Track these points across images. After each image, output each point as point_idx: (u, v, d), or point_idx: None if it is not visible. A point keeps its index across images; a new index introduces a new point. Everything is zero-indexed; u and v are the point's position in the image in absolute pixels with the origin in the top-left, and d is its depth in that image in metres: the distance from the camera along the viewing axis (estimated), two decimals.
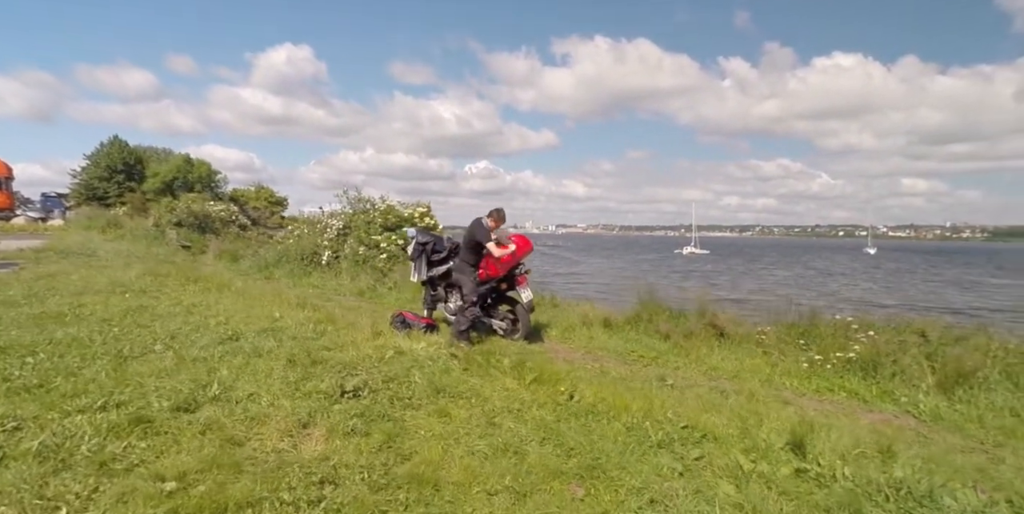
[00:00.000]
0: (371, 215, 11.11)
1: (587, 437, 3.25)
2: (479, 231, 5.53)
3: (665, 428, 3.44)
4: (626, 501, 2.55)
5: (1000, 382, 4.82)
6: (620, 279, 25.44)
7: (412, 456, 2.84)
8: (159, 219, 16.50)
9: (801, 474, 3.00)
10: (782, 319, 6.54)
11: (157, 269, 8.69)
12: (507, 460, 2.87)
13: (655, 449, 3.18)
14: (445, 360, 4.65)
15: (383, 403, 3.56)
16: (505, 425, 3.38)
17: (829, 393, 4.99)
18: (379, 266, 10.30)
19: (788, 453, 3.21)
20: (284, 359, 4.26)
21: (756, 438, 3.37)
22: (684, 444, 3.28)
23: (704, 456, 3.11)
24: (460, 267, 5.44)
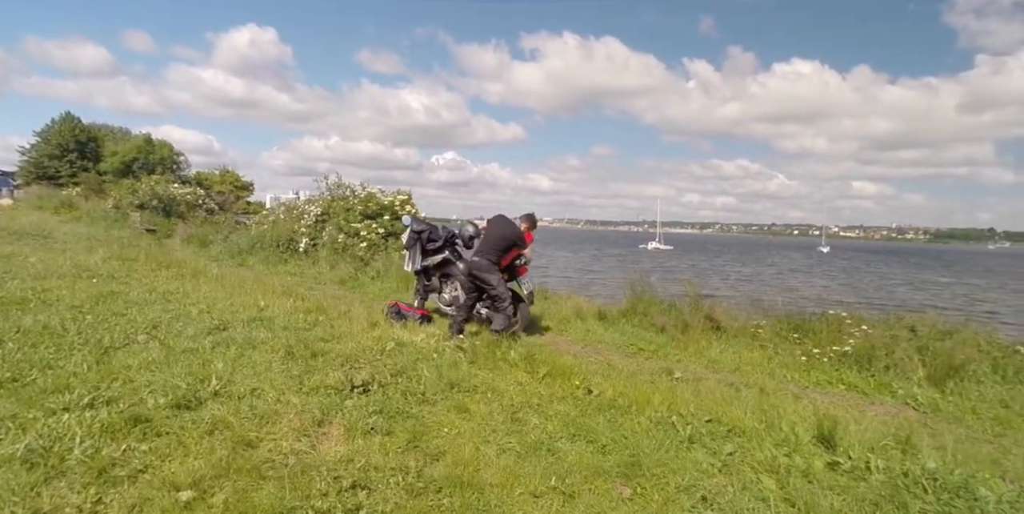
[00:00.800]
0: (350, 202, 10.70)
1: (616, 433, 3.13)
2: (519, 234, 5.36)
3: (691, 423, 3.35)
4: (676, 499, 2.44)
5: (988, 375, 4.97)
6: (588, 274, 25.59)
7: (442, 456, 2.65)
8: (120, 201, 15.47)
9: (834, 467, 2.97)
10: (769, 314, 6.61)
11: (124, 253, 8.13)
12: (543, 459, 2.73)
13: (687, 444, 3.10)
14: (450, 353, 4.47)
15: (396, 398, 3.35)
16: (530, 421, 3.23)
17: (829, 386, 5.03)
18: (359, 254, 9.95)
19: (817, 446, 3.18)
20: (281, 351, 3.99)
21: (783, 432, 3.32)
22: (714, 439, 3.20)
23: (736, 451, 3.05)
24: (487, 267, 5.14)
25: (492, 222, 5.48)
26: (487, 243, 5.29)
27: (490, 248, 5.24)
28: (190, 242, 12.15)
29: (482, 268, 5.18)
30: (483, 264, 5.18)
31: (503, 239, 5.27)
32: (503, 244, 5.27)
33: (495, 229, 5.35)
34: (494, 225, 5.41)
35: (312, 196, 11.37)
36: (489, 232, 5.38)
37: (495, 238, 5.28)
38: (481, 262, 5.19)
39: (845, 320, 5.75)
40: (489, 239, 5.30)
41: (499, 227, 5.35)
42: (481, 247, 5.32)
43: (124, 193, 15.76)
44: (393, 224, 10.58)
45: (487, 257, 5.19)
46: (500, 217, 5.49)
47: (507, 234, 5.29)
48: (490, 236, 5.32)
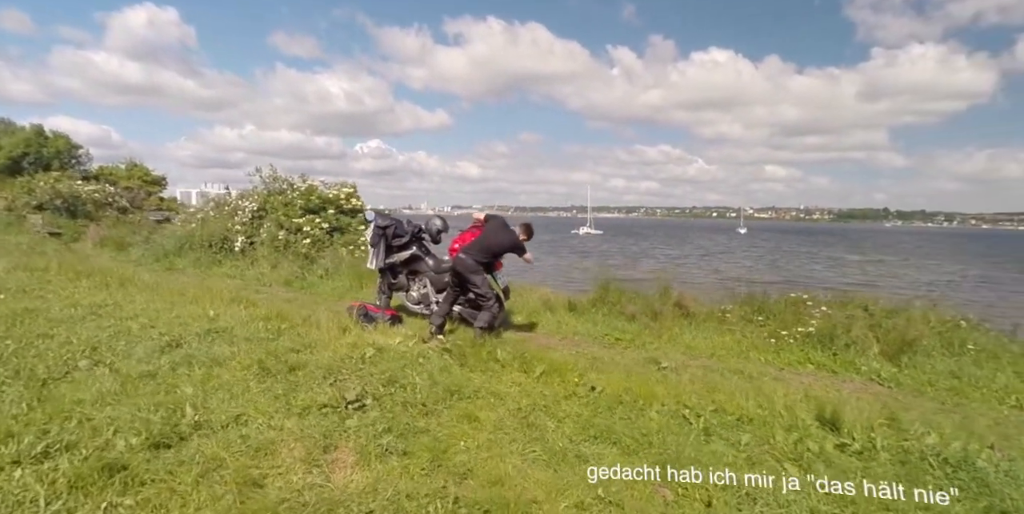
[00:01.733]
0: (289, 196, 9.98)
1: (635, 431, 3.06)
2: (518, 245, 5.22)
3: (701, 414, 3.35)
4: (722, 498, 2.39)
5: (936, 349, 5.35)
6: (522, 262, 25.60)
7: (471, 474, 2.46)
8: (13, 202, 13.53)
9: (843, 449, 3.06)
10: (730, 297, 6.83)
11: (31, 262, 7.12)
12: (575, 466, 2.59)
13: (704, 437, 3.09)
14: (436, 356, 4.22)
15: (397, 412, 3.10)
16: (544, 425, 3.09)
17: (799, 366, 5.25)
18: (303, 252, 9.32)
19: (821, 429, 3.26)
20: (253, 367, 3.60)
21: (786, 417, 3.38)
22: (727, 429, 3.22)
23: (752, 440, 3.06)
24: (473, 267, 4.94)
25: (490, 226, 5.29)
26: (480, 246, 5.10)
27: (481, 250, 5.07)
28: (104, 246, 10.88)
29: (468, 268, 4.96)
30: (470, 264, 4.96)
31: (499, 246, 5.15)
32: (497, 251, 5.16)
33: (493, 235, 5.17)
34: (492, 231, 5.22)
35: (244, 190, 10.51)
36: (485, 235, 5.20)
37: (491, 244, 5.12)
38: (468, 261, 4.97)
39: (806, 302, 6.02)
40: (483, 242, 5.13)
41: (497, 233, 5.18)
42: (472, 247, 5.10)
43: (18, 193, 13.79)
44: (338, 218, 10.01)
45: (475, 257, 4.99)
46: (500, 223, 5.31)
47: (504, 243, 5.16)
48: (486, 240, 5.15)
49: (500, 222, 5.29)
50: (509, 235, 5.18)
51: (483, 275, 5.04)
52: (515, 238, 5.19)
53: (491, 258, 5.15)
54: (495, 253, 5.17)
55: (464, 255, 5.01)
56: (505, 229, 5.21)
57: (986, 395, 4.60)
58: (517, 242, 5.19)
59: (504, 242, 5.14)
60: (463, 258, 5.00)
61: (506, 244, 5.16)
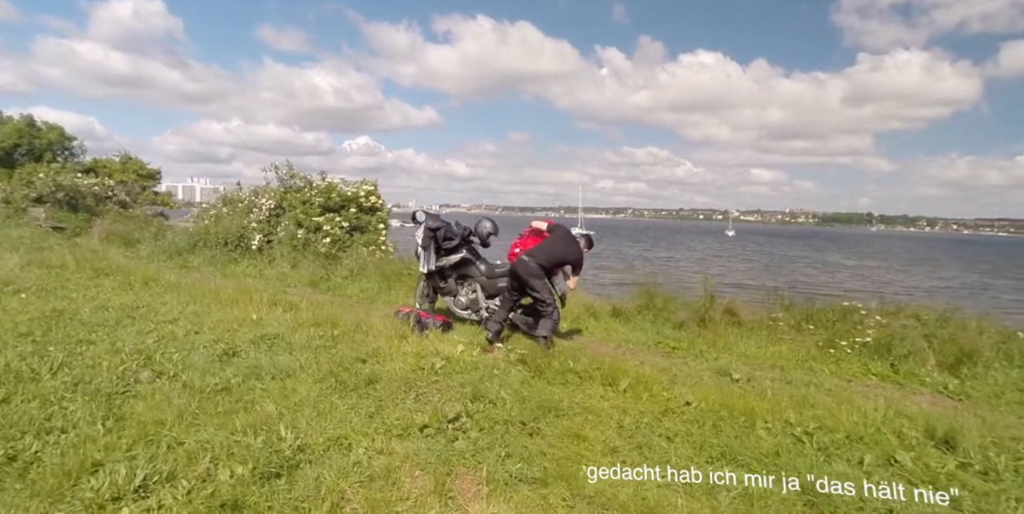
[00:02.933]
0: (307, 194, 9.65)
1: (754, 452, 2.86)
2: (580, 258, 5.05)
3: (810, 432, 3.16)
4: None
5: (996, 359, 5.23)
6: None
7: (618, 505, 2.24)
8: (11, 194, 12.92)
9: (966, 468, 2.91)
10: (773, 304, 6.69)
11: (44, 259, 6.73)
12: (719, 494, 2.39)
13: (823, 457, 2.90)
14: (510, 367, 4.01)
15: (499, 432, 2.88)
16: (658, 445, 2.90)
17: (863, 377, 5.09)
18: (323, 251, 9.01)
19: (937, 448, 3.11)
20: (327, 380, 3.36)
21: (891, 433, 3.22)
22: (841, 448, 3.04)
23: (873, 460, 2.89)
24: (536, 271, 4.76)
25: (558, 235, 5.10)
26: (546, 251, 4.91)
27: (547, 257, 4.87)
28: (111, 241, 10.41)
29: (531, 271, 4.74)
30: (533, 267, 4.75)
31: (562, 256, 4.95)
32: (562, 260, 4.97)
33: (562, 244, 5.00)
34: (560, 239, 5.05)
35: (258, 187, 10.13)
36: (553, 242, 5.02)
37: (555, 252, 4.93)
38: (532, 264, 4.75)
39: (859, 310, 5.89)
40: (549, 249, 4.94)
41: (563, 243, 5.01)
42: (537, 252, 4.90)
43: (16, 185, 13.17)
44: (358, 217, 9.70)
45: (539, 262, 4.78)
46: (567, 232, 5.12)
47: (571, 255, 4.97)
48: (554, 247, 4.96)
49: (566, 232, 5.12)
50: (576, 248, 5.02)
51: (545, 280, 4.83)
52: (580, 252, 5.02)
53: (552, 265, 4.94)
54: (560, 262, 4.99)
55: (528, 258, 4.79)
56: (573, 240, 5.04)
57: None
58: (581, 258, 5.02)
59: (571, 254, 4.98)
60: (526, 261, 4.78)
61: (572, 257, 4.99)
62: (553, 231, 5.10)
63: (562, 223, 5.32)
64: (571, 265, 5.02)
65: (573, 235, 5.09)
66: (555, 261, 4.91)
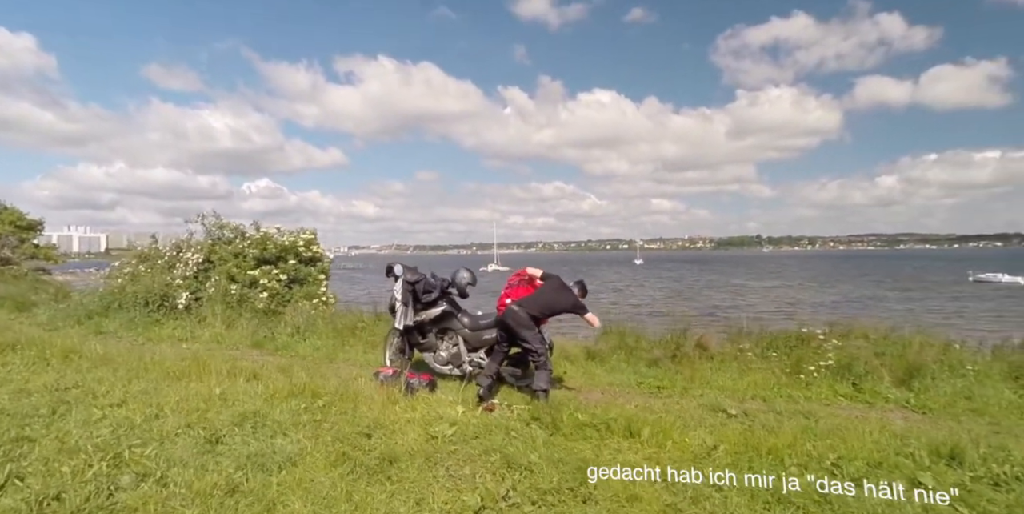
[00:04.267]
0: (238, 246, 8.92)
1: (807, 498, 2.87)
2: (577, 304, 4.97)
3: (838, 465, 3.26)
4: None
5: (940, 372, 5.75)
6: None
7: None
8: None
9: (978, 481, 3.12)
10: (732, 333, 7.01)
11: None
12: None
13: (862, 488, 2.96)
14: (520, 426, 3.82)
15: (551, 502, 2.72)
16: (711, 496, 2.82)
17: (834, 399, 5.40)
18: (260, 307, 8.30)
19: (949, 466, 3.31)
20: (343, 463, 3.00)
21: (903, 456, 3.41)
22: (868, 475, 3.13)
23: (908, 485, 3.01)
24: (526, 321, 4.66)
25: (550, 285, 5.05)
26: (538, 302, 4.84)
27: (536, 306, 4.80)
28: (2, 305, 8.87)
29: (521, 322, 4.62)
30: (523, 317, 4.63)
31: (553, 306, 4.90)
32: (549, 310, 4.90)
33: (554, 294, 4.95)
34: (553, 289, 5.00)
35: (179, 240, 9.21)
36: (544, 293, 4.97)
37: (547, 301, 4.88)
38: (521, 314, 4.63)
39: (817, 336, 6.29)
40: (542, 299, 4.88)
41: (558, 293, 4.96)
42: (528, 302, 4.81)
43: None
44: (296, 268, 9.08)
45: (529, 311, 4.67)
46: (559, 282, 5.08)
47: (561, 302, 4.93)
48: (545, 298, 4.91)
49: (559, 281, 5.08)
50: (570, 296, 4.99)
51: (535, 330, 4.72)
52: (575, 299, 4.99)
53: (545, 316, 4.86)
54: (551, 312, 4.93)
55: (518, 308, 4.67)
56: (565, 289, 5.02)
57: (1003, 412, 4.97)
58: (578, 303, 4.98)
59: (565, 303, 4.94)
60: (516, 311, 4.65)
61: (567, 305, 4.95)
62: (546, 280, 5.04)
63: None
64: (567, 312, 4.96)
65: (566, 284, 5.05)
66: (547, 311, 4.85)
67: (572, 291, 5.01)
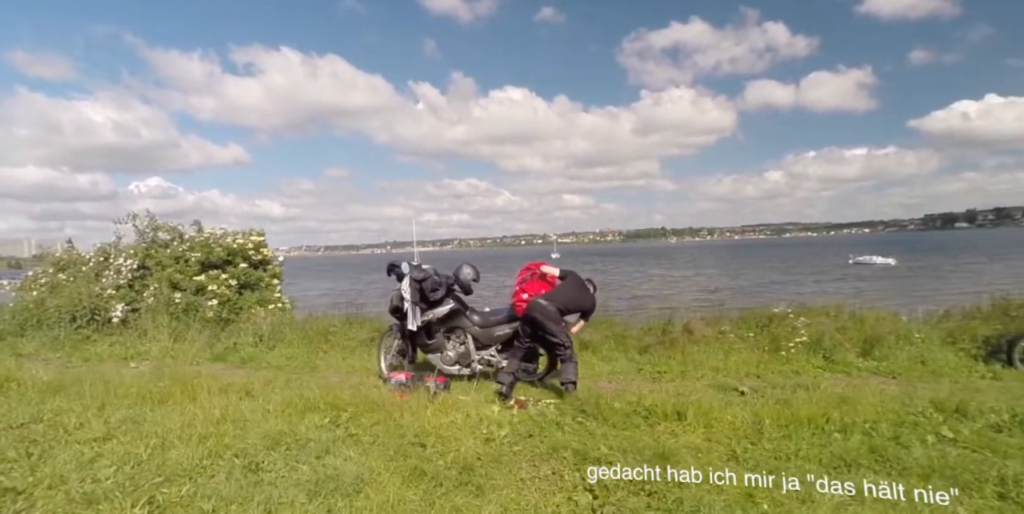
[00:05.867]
0: (178, 249, 8.02)
1: (868, 454, 3.06)
2: (593, 306, 5.01)
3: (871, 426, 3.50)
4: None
5: (896, 342, 6.35)
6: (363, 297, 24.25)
7: None
8: None
9: (987, 429, 3.52)
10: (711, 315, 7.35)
11: None
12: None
13: (911, 450, 3.19)
14: (567, 420, 3.75)
15: (670, 498, 2.63)
16: (790, 467, 2.91)
17: (816, 371, 5.79)
18: (210, 316, 7.53)
19: (956, 419, 3.68)
20: (418, 478, 2.78)
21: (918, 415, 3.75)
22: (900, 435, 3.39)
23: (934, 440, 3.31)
24: (554, 314, 4.58)
25: (573, 281, 4.97)
26: (563, 295, 4.78)
27: (563, 300, 4.74)
28: None
29: (549, 315, 4.53)
30: (552, 311, 4.55)
31: (579, 302, 4.88)
32: (575, 306, 4.87)
33: (575, 289, 4.91)
34: (575, 285, 4.95)
35: (105, 244, 8.09)
36: (569, 288, 4.90)
37: (573, 297, 4.84)
38: (550, 308, 4.54)
39: (788, 314, 6.73)
40: (567, 293, 4.82)
41: (578, 289, 4.94)
42: (553, 296, 4.73)
43: None
44: (247, 273, 8.33)
45: (557, 305, 4.61)
46: (580, 279, 5.03)
47: (584, 301, 4.92)
48: (570, 292, 4.85)
49: (580, 278, 5.04)
50: (591, 297, 4.99)
51: (562, 324, 4.65)
52: (592, 299, 5.00)
53: (570, 311, 4.84)
54: (577, 308, 4.90)
55: (545, 302, 4.57)
56: (584, 288, 4.99)
57: (956, 372, 5.58)
58: (593, 302, 5.00)
59: (587, 302, 4.94)
60: (544, 305, 4.55)
61: (588, 303, 4.96)
62: (566, 277, 4.97)
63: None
64: (585, 311, 4.93)
65: (585, 284, 5.02)
66: (572, 306, 4.81)
67: (590, 292, 5.01)
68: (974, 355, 5.89)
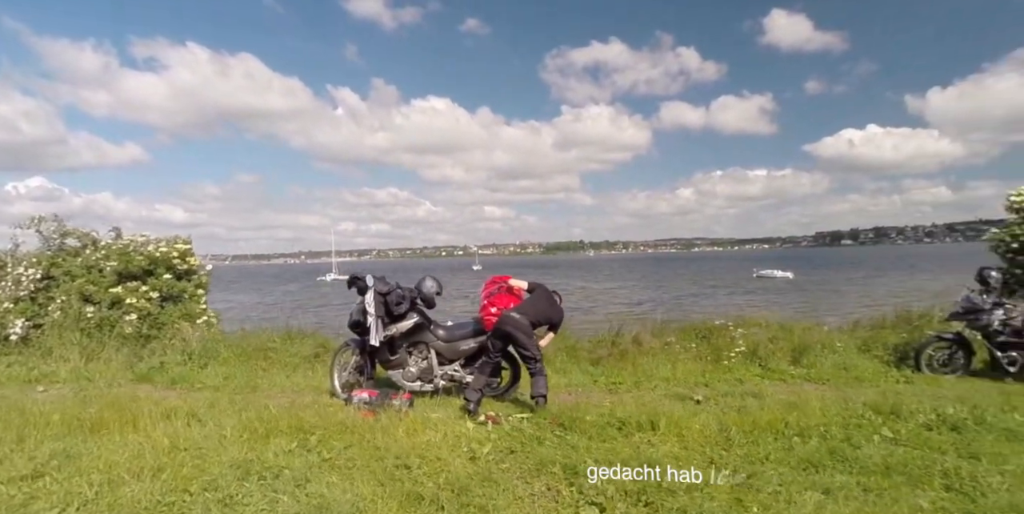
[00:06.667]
0: (91, 258, 7.22)
1: (832, 456, 3.31)
2: (561, 319, 5.02)
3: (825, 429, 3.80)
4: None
5: (821, 350, 6.91)
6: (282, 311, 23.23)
7: None
8: None
9: (920, 428, 3.92)
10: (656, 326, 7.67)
11: None
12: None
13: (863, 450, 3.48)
14: (547, 435, 3.77)
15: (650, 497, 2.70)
16: (764, 473, 3.09)
17: (755, 379, 6.19)
18: (128, 332, 6.84)
19: (892, 420, 4.06)
20: (417, 503, 2.68)
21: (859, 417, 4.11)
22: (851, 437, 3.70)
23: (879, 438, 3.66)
24: (527, 327, 4.55)
25: (542, 292, 4.97)
26: (534, 308, 4.77)
27: (534, 313, 4.73)
28: None
29: (523, 328, 4.51)
30: (525, 324, 4.53)
31: (548, 315, 4.87)
32: (545, 319, 4.86)
33: (544, 302, 4.90)
34: (544, 297, 4.94)
35: (2, 251, 7.10)
36: (538, 300, 4.89)
37: (543, 310, 4.83)
38: (523, 321, 4.52)
39: (728, 326, 7.15)
40: (537, 306, 4.82)
41: (548, 302, 4.93)
42: (524, 309, 4.71)
43: None
44: (170, 284, 7.64)
45: (530, 318, 4.61)
46: (549, 291, 5.02)
47: (553, 314, 4.91)
48: (540, 305, 4.84)
49: (548, 291, 5.04)
50: (560, 309, 5.01)
51: (534, 337, 4.65)
52: (561, 312, 5.01)
53: (540, 324, 4.83)
54: (547, 321, 4.90)
55: (518, 315, 4.56)
56: (553, 301, 4.99)
57: (876, 377, 6.16)
58: (562, 315, 5.02)
59: (556, 315, 4.94)
60: (518, 318, 4.53)
61: (557, 316, 4.96)
62: (535, 290, 4.97)
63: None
64: (553, 324, 4.97)
65: (553, 297, 5.02)
66: (542, 319, 4.82)
67: (559, 305, 5.03)
68: (887, 361, 6.52)
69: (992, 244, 9.76)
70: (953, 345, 6.05)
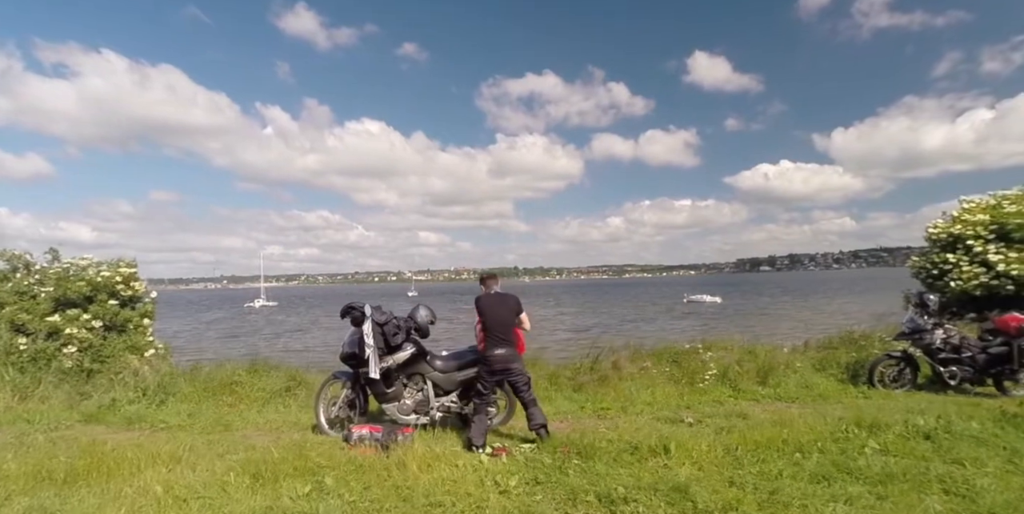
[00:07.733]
0: (22, 283, 6.50)
1: (840, 469, 3.50)
2: (519, 304, 4.65)
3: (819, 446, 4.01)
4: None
5: (784, 371, 7.33)
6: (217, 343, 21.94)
7: None
8: None
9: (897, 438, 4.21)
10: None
11: None
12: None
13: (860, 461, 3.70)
14: (565, 462, 3.75)
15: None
16: (786, 490, 3.22)
17: (730, 400, 6.45)
18: (68, 367, 6.17)
19: (873, 433, 4.35)
20: None
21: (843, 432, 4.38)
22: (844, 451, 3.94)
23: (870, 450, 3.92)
24: (514, 356, 4.41)
25: (493, 298, 4.64)
26: (501, 326, 4.47)
27: (506, 330, 4.48)
28: None
29: (510, 359, 4.39)
30: (511, 354, 4.40)
31: (512, 313, 4.56)
32: (513, 319, 4.56)
33: (500, 305, 4.57)
34: (497, 301, 4.62)
35: None
36: (495, 311, 4.53)
37: (506, 316, 4.53)
38: (508, 353, 4.40)
39: (699, 350, 7.44)
40: (498, 319, 4.50)
41: (502, 301, 4.62)
42: (497, 334, 4.44)
43: None
44: (115, 313, 7.00)
45: (509, 345, 4.45)
46: (497, 293, 4.71)
47: (512, 306, 4.59)
48: (498, 316, 4.51)
49: (497, 293, 4.72)
50: (509, 298, 4.65)
51: (521, 360, 4.58)
52: (515, 298, 4.67)
53: (512, 333, 4.56)
54: (511, 323, 4.57)
55: (501, 350, 4.41)
56: (502, 295, 4.68)
57: (837, 394, 6.57)
58: (517, 300, 4.67)
59: (512, 304, 4.60)
60: (501, 353, 4.40)
61: (514, 306, 4.61)
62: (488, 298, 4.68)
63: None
64: (517, 312, 4.68)
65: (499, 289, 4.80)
66: (510, 325, 4.57)
67: (507, 293, 4.73)
68: (841, 379, 7.00)
69: (913, 271, 10.92)
70: (901, 362, 6.61)
